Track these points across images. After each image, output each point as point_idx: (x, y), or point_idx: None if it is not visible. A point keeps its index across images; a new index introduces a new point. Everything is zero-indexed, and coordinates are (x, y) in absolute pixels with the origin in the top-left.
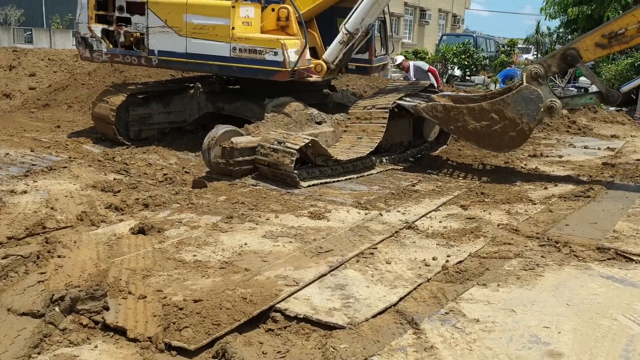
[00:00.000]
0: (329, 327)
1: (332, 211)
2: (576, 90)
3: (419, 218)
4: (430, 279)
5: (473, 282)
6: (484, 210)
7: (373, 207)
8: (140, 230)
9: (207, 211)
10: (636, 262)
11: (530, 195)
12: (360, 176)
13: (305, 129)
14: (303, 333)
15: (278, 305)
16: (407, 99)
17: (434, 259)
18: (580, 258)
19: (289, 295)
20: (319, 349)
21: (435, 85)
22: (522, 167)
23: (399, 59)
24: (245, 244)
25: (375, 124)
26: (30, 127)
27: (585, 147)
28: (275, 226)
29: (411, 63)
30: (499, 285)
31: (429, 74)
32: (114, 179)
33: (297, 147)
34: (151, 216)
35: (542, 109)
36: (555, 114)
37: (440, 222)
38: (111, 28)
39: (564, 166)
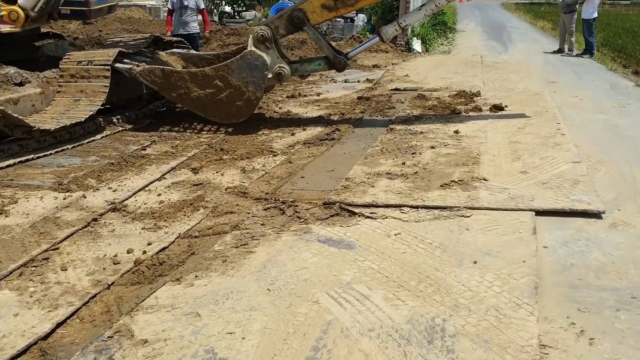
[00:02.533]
0: None
1: (19, 201)
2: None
3: (134, 194)
4: (112, 283)
5: (166, 278)
6: (217, 172)
7: (79, 187)
8: None
9: None
10: (359, 216)
11: (275, 145)
12: (78, 145)
13: None
14: None
15: None
16: (126, 59)
17: (128, 252)
18: (302, 220)
19: None
20: None
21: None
22: (274, 112)
23: None
24: None
25: (95, 83)
26: None
27: (345, 82)
28: None
29: None
30: (196, 276)
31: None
32: None
33: None
34: None
35: (268, 76)
36: (284, 80)
37: (159, 195)
38: None
39: (319, 105)
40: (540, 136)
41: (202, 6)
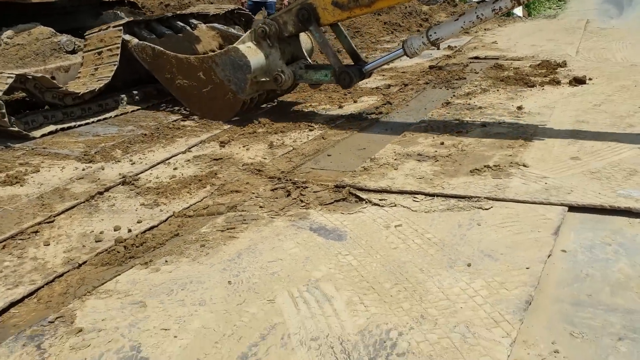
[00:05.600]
0: None
1: (42, 170)
2: None
3: (151, 167)
4: (84, 263)
5: (136, 261)
6: (244, 146)
7: (102, 158)
8: None
9: None
10: (366, 202)
11: (316, 118)
12: (122, 114)
13: (49, 62)
14: None
15: None
16: (143, 30)
17: (115, 229)
18: (304, 204)
19: None
20: None
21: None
22: None
23: None
24: None
25: (107, 53)
26: None
27: None
28: None
29: None
30: (166, 261)
31: None
32: None
33: (15, 73)
34: None
35: (261, 79)
36: (284, 86)
37: (175, 169)
38: None
39: (383, 75)
40: (615, 115)
41: None
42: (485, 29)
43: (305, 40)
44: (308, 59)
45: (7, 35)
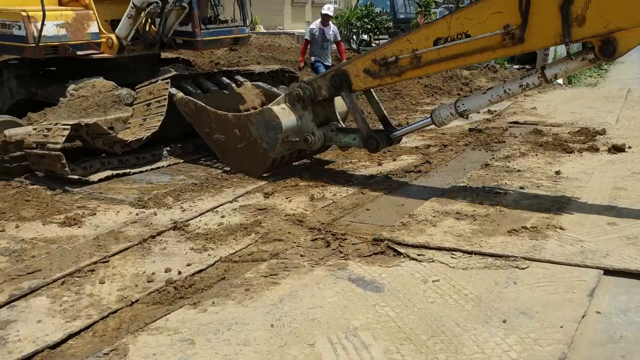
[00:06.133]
0: None
1: (97, 213)
2: None
3: (200, 214)
4: (136, 301)
5: (185, 302)
6: (286, 198)
7: (155, 205)
8: None
9: None
10: (403, 257)
11: (355, 174)
12: (174, 164)
13: (110, 113)
14: None
15: None
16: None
17: (166, 271)
18: (343, 255)
19: None
20: None
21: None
22: None
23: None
24: None
25: (155, 105)
26: None
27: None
28: (1, 240)
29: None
30: (213, 303)
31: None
32: None
33: (70, 124)
34: None
35: (292, 139)
36: (313, 146)
37: (223, 217)
38: None
39: (423, 135)
40: None
41: (339, 38)
42: (525, 95)
43: (340, 104)
44: (341, 122)
45: (73, 88)
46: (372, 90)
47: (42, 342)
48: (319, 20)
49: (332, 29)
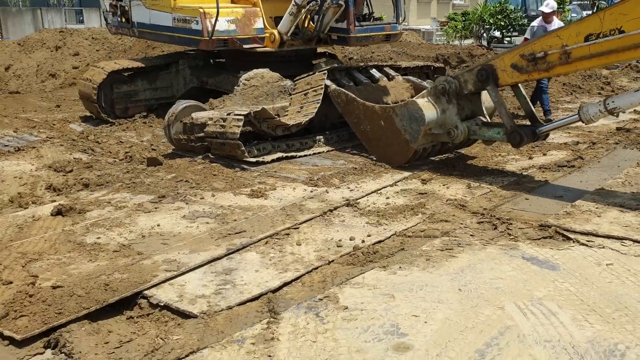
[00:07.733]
0: (185, 315)
1: (277, 189)
2: None
3: (367, 195)
4: (332, 261)
5: (375, 265)
6: (443, 185)
7: (324, 184)
8: (59, 212)
9: (144, 190)
10: (573, 242)
11: (508, 166)
12: (332, 150)
13: (277, 102)
14: (162, 321)
15: (147, 292)
16: (350, 75)
17: (351, 239)
18: (512, 237)
19: (164, 281)
20: (161, 339)
21: None
22: None
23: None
24: (158, 225)
25: (312, 94)
26: (32, 107)
27: None
28: (204, 205)
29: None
30: (400, 267)
31: None
32: (74, 159)
33: (243, 114)
34: (85, 197)
35: (436, 132)
36: (455, 139)
37: (387, 198)
38: (112, 2)
39: (569, 132)
40: None
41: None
42: None
43: (487, 99)
44: (487, 116)
45: (245, 78)
46: (519, 85)
47: (264, 286)
48: (541, 18)
49: (556, 24)
